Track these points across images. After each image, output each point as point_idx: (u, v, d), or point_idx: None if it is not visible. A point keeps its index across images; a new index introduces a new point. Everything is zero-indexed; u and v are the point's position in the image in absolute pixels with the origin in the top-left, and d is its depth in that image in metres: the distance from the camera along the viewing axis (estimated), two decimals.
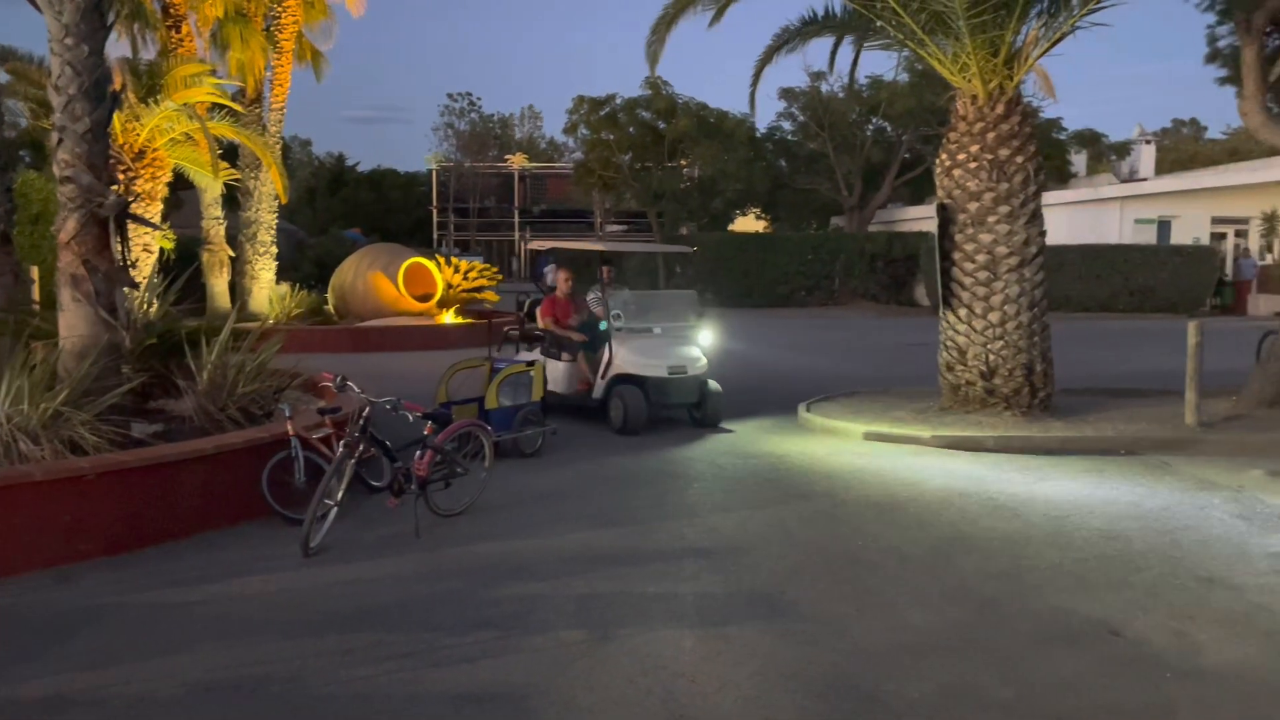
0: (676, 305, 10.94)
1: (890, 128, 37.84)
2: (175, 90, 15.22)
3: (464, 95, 62.50)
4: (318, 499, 5.94)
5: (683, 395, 9.96)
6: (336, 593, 5.34)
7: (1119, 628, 4.82)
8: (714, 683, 4.21)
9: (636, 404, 9.66)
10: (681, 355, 9.98)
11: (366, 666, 4.37)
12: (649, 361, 9.77)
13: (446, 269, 21.03)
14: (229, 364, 7.58)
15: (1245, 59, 11.29)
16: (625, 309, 10.29)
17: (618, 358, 9.82)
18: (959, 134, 10.64)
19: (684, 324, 10.58)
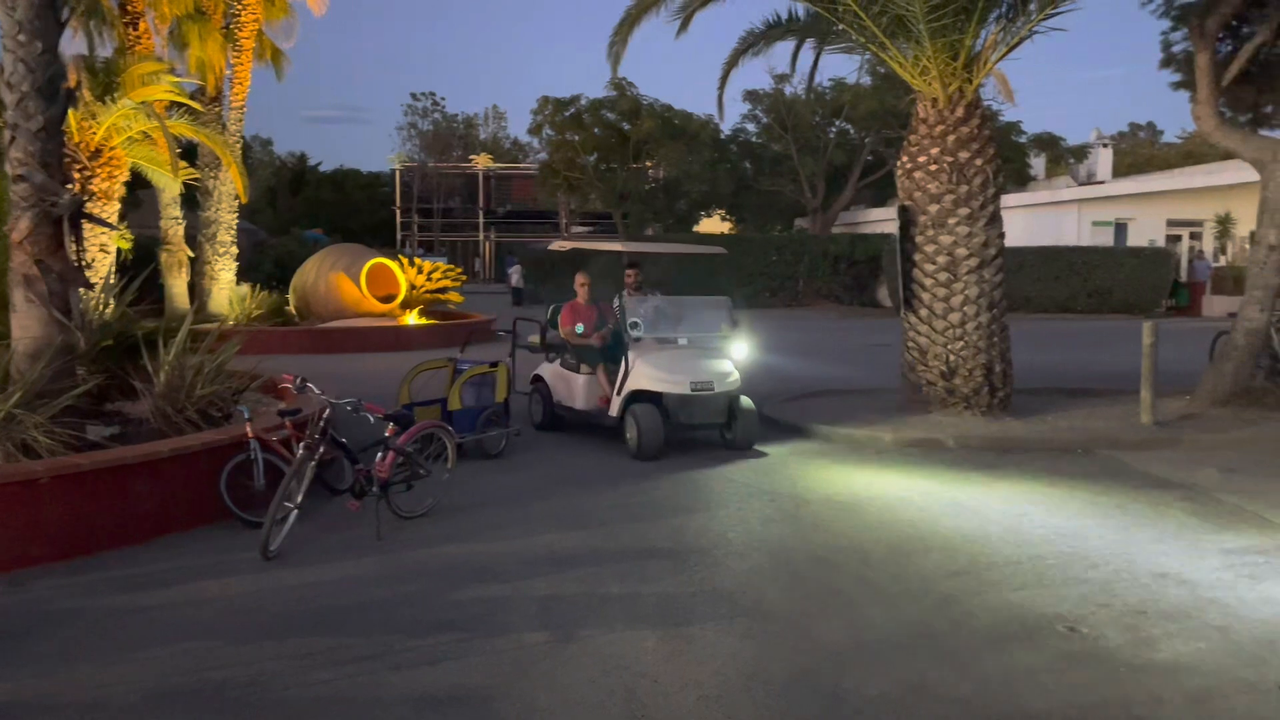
0: (706, 313, 9.73)
1: (853, 130, 38.16)
2: (132, 88, 14.99)
3: (427, 95, 62.36)
4: (277, 502, 5.88)
5: (708, 415, 8.86)
6: (296, 596, 5.29)
7: (1075, 623, 4.89)
8: (676, 682, 4.22)
9: (652, 425, 8.60)
10: (707, 369, 8.86)
11: (326, 670, 4.34)
12: (669, 376, 8.70)
13: (410, 270, 20.91)
14: (187, 365, 7.49)
15: (1198, 64, 11.51)
16: (647, 317, 9.24)
17: (634, 372, 8.82)
18: (919, 137, 10.75)
19: (714, 334, 9.49)
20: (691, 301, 9.77)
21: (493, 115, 73.67)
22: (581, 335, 9.70)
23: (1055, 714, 3.94)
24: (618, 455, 8.92)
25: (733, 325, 9.56)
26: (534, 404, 10.25)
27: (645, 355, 8.91)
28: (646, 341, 9.09)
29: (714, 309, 9.78)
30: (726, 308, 9.71)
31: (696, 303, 9.80)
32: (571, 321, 9.78)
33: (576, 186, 35.47)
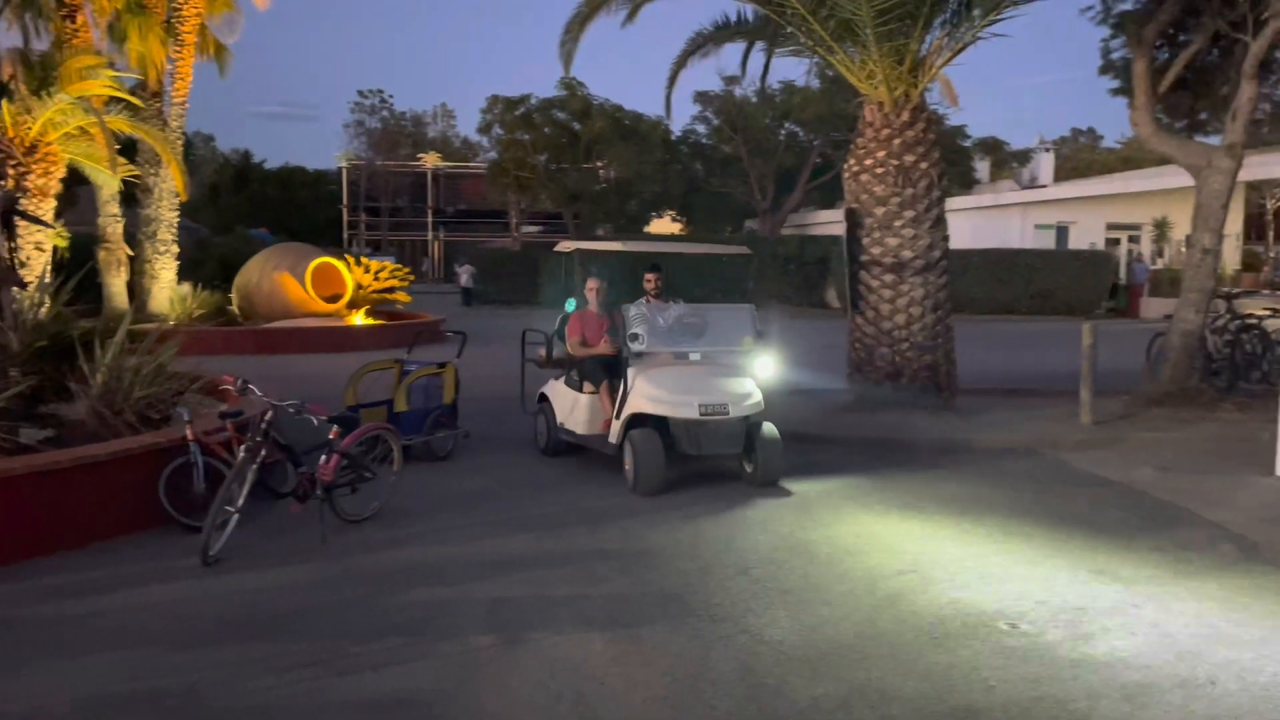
0: (726, 323, 8.39)
1: (802, 133, 38.49)
2: (70, 82, 14.64)
3: (375, 92, 61.59)
4: (218, 505, 5.77)
5: (720, 443, 7.55)
6: (238, 601, 5.19)
7: (1016, 620, 4.97)
8: (623, 683, 4.22)
9: (651, 454, 7.36)
10: (721, 389, 7.55)
11: (268, 677, 4.26)
12: (674, 397, 7.42)
13: (356, 269, 20.68)
14: (125, 367, 7.31)
15: (1136, 71, 11.78)
16: (657, 327, 8.06)
17: (634, 392, 7.60)
18: (866, 140, 10.87)
19: (734, 348, 8.16)
20: (709, 310, 8.54)
21: (442, 113, 73.19)
22: (584, 346, 8.62)
23: (996, 710, 4.00)
24: (566, 458, 8.89)
25: (757, 337, 8.17)
26: (539, 426, 9.15)
27: (647, 372, 7.63)
28: (651, 356, 7.85)
29: (735, 318, 8.44)
30: (750, 316, 8.30)
31: (714, 311, 8.56)
32: (578, 332, 8.67)
33: (527, 186, 35.33)
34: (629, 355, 7.74)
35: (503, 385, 13.43)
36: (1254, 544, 6.36)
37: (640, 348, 7.72)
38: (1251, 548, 6.29)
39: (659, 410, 7.47)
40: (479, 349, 12.85)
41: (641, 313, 8.02)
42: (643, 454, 7.40)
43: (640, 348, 7.72)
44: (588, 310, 8.86)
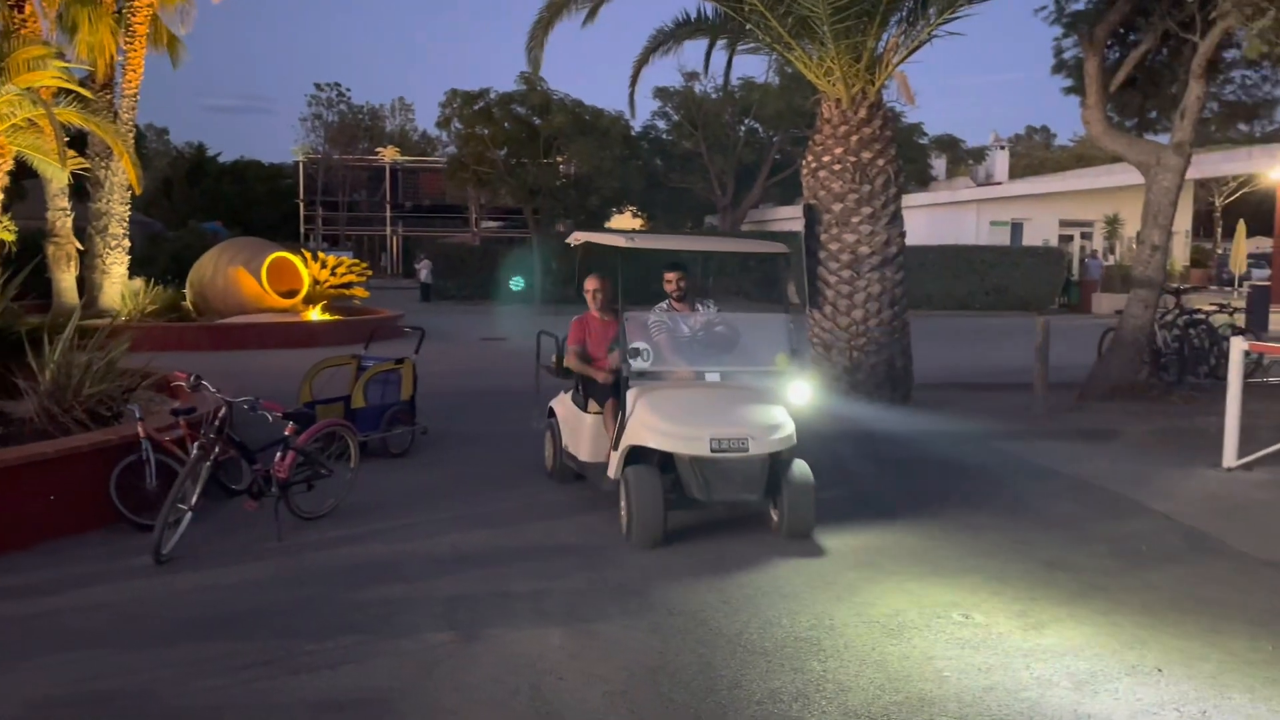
0: (756, 335, 6.98)
1: (762, 129, 38.65)
2: (17, 73, 14.30)
3: (332, 85, 60.85)
4: (170, 503, 5.69)
5: (735, 487, 6.00)
6: (191, 601, 5.13)
7: (970, 610, 5.05)
8: (581, 678, 4.22)
9: (647, 499, 5.95)
10: (741, 419, 6.08)
11: (221, 676, 4.21)
12: (681, 429, 5.98)
13: (313, 264, 20.47)
14: (74, 363, 7.18)
15: (1088, 70, 11.97)
16: (674, 337, 6.81)
17: (633, 420, 6.20)
18: (824, 136, 10.95)
19: (763, 367, 6.66)
20: (735, 320, 7.07)
21: (400, 107, 72.51)
22: (583, 360, 7.24)
23: (950, 699, 4.06)
24: (525, 453, 8.87)
25: (792, 354, 6.66)
26: (546, 445, 8.01)
27: (650, 396, 6.24)
28: (657, 375, 6.55)
29: (765, 329, 7.05)
30: (784, 328, 6.83)
31: (740, 321, 7.11)
32: (579, 339, 7.30)
33: (486, 181, 35.13)
34: (628, 374, 6.34)
35: (461, 381, 13.40)
36: (1201, 535, 6.51)
37: (643, 365, 6.35)
38: (1199, 538, 6.43)
39: (661, 444, 6.00)
40: (437, 345, 12.81)
41: (660, 320, 6.86)
42: (638, 498, 5.97)
43: (643, 365, 6.35)
44: (590, 315, 7.40)
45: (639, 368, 6.38)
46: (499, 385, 13.21)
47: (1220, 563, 5.95)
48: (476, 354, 17.56)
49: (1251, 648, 4.61)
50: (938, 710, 3.96)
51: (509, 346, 19.11)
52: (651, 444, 6.07)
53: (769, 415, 6.20)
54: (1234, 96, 13.54)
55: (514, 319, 25.96)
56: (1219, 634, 4.77)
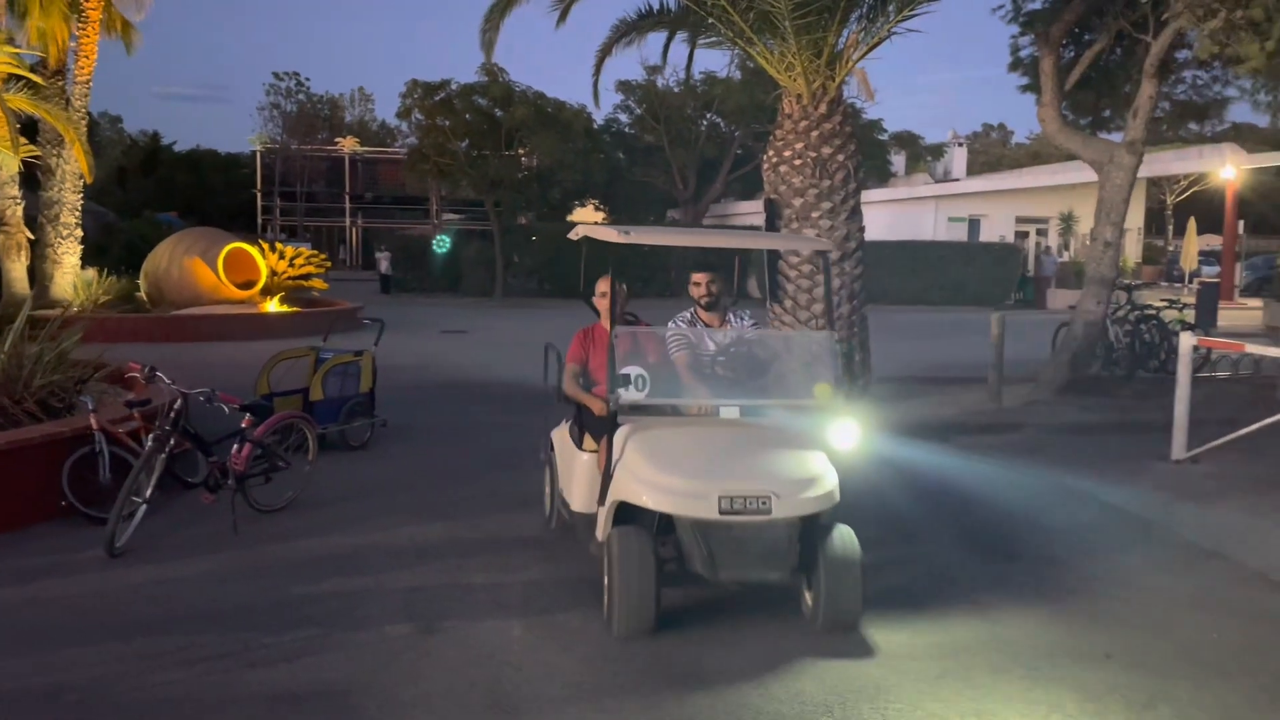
0: (791, 358, 5.65)
1: (724, 123, 38.73)
2: None
3: (291, 75, 59.94)
4: (124, 496, 5.61)
5: (753, 561, 4.52)
6: (145, 594, 5.07)
7: (922, 601, 5.12)
8: (540, 669, 4.24)
9: (634, 574, 4.48)
10: (761, 470, 4.65)
11: (176, 670, 4.17)
12: (680, 482, 4.55)
13: (271, 255, 20.22)
14: (25, 354, 7.07)
15: (1043, 69, 12.14)
16: (696, 359, 5.44)
17: (621, 468, 4.82)
18: (785, 131, 11.00)
19: (798, 399, 5.21)
20: (769, 339, 5.94)
21: (359, 97, 71.79)
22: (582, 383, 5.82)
23: None
24: (485, 446, 8.85)
25: (838, 381, 5.13)
26: (545, 484, 6.45)
27: (642, 438, 4.86)
28: (655, 409, 5.21)
29: (805, 350, 5.79)
30: (829, 349, 5.31)
31: (774, 340, 6.04)
32: (578, 358, 5.92)
33: (447, 172, 34.84)
34: (615, 407, 4.92)
35: (422, 374, 13.32)
36: (1148, 524, 6.65)
37: (636, 396, 4.92)
38: (1146, 527, 6.58)
39: (654, 501, 4.54)
40: (398, 337, 12.72)
41: (681, 335, 5.53)
42: (622, 572, 4.47)
43: (636, 396, 4.92)
44: (599, 328, 5.92)
45: (630, 399, 4.90)
46: (460, 378, 13.18)
47: (1167, 551, 6.08)
48: (436, 347, 17.46)
49: (1197, 638, 4.73)
50: None
51: (470, 339, 19.04)
52: (643, 501, 4.57)
53: (802, 465, 4.70)
54: (1185, 96, 13.82)
55: (475, 312, 25.86)
56: (1155, 617, 4.89)
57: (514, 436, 9.29)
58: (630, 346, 5.31)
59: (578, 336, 5.96)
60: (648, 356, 5.34)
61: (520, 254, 33.95)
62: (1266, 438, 8.17)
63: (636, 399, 4.94)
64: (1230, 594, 5.34)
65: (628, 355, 5.20)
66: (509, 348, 17.39)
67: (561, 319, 23.63)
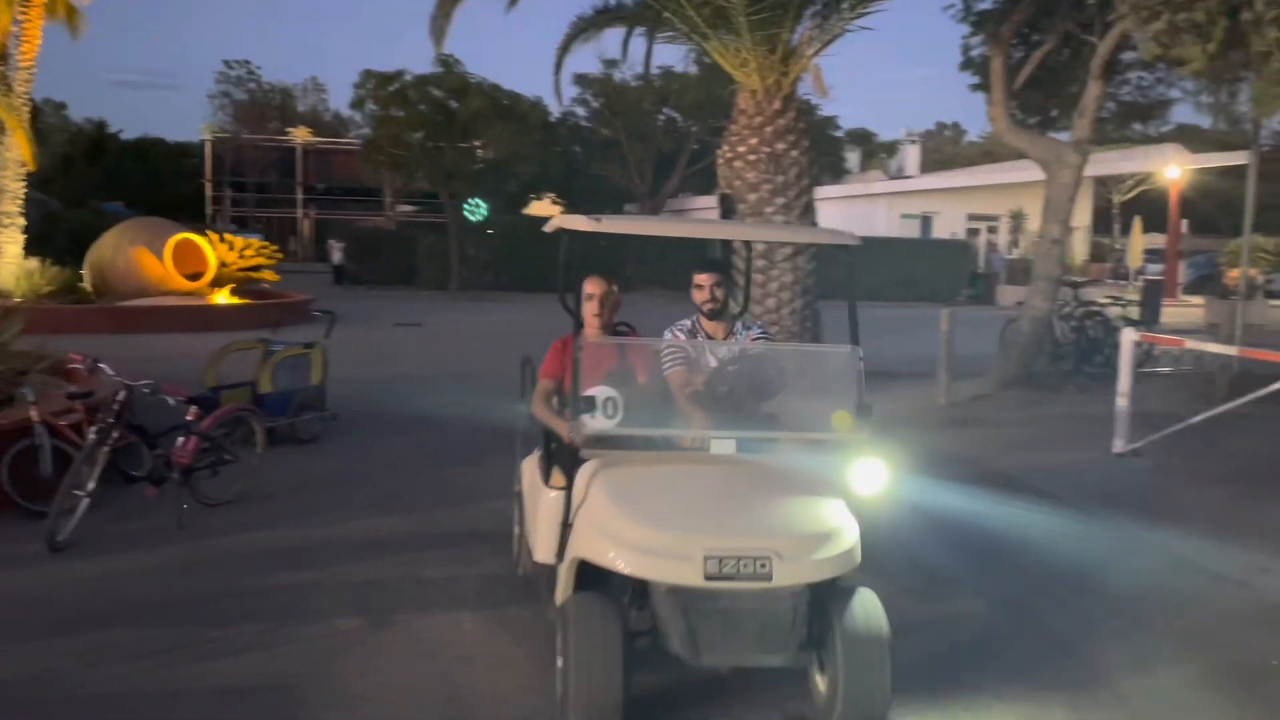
0: (805, 379, 4.63)
1: (680, 118, 38.83)
2: None
3: (242, 63, 59.02)
4: (65, 489, 5.51)
5: (747, 640, 3.55)
6: (89, 589, 4.98)
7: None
8: (491, 663, 4.23)
9: (595, 652, 3.51)
10: (758, 523, 3.72)
11: (120, 665, 4.11)
12: (656, 537, 3.58)
13: (220, 246, 19.91)
14: None
15: (993, 68, 12.32)
16: (689, 379, 4.49)
17: (583, 518, 3.88)
18: (740, 127, 11.07)
19: (811, 431, 4.35)
20: (780, 356, 4.75)
21: (312, 87, 70.77)
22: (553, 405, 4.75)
23: None
24: (437, 440, 8.80)
25: (861, 409, 4.16)
26: (514, 522, 5.42)
27: (610, 478, 3.91)
28: (627, 441, 4.18)
29: (821, 369, 4.78)
30: (854, 369, 4.31)
31: (786, 357, 4.87)
32: (553, 372, 4.84)
33: (402, 164, 34.53)
34: (578, 440, 3.94)
35: (374, 366, 13.21)
36: (1089, 514, 6.80)
37: (606, 425, 3.96)
38: (1087, 518, 6.73)
39: (623, 563, 3.55)
40: (350, 329, 12.62)
41: (677, 350, 4.55)
42: (578, 649, 3.51)
43: (606, 425, 3.96)
44: (585, 333, 4.58)
45: (598, 430, 3.92)
46: (414, 371, 13.09)
47: (1102, 539, 6.23)
48: (390, 339, 17.32)
49: (1134, 621, 4.85)
50: None
51: (424, 332, 18.91)
52: (609, 561, 3.55)
53: (813, 515, 3.74)
54: (1130, 97, 14.10)
55: (430, 304, 25.67)
56: (1075, 603, 5.01)
57: (469, 430, 9.25)
58: (610, 361, 4.38)
59: (554, 348, 4.89)
60: (635, 374, 4.45)
61: (476, 247, 33.74)
62: (1206, 431, 8.39)
63: (604, 428, 3.93)
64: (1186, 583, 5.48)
65: (610, 373, 4.22)
66: (464, 340, 17.31)
67: (518, 312, 23.60)
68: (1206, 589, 5.42)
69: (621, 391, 4.04)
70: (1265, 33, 9.09)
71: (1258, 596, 5.34)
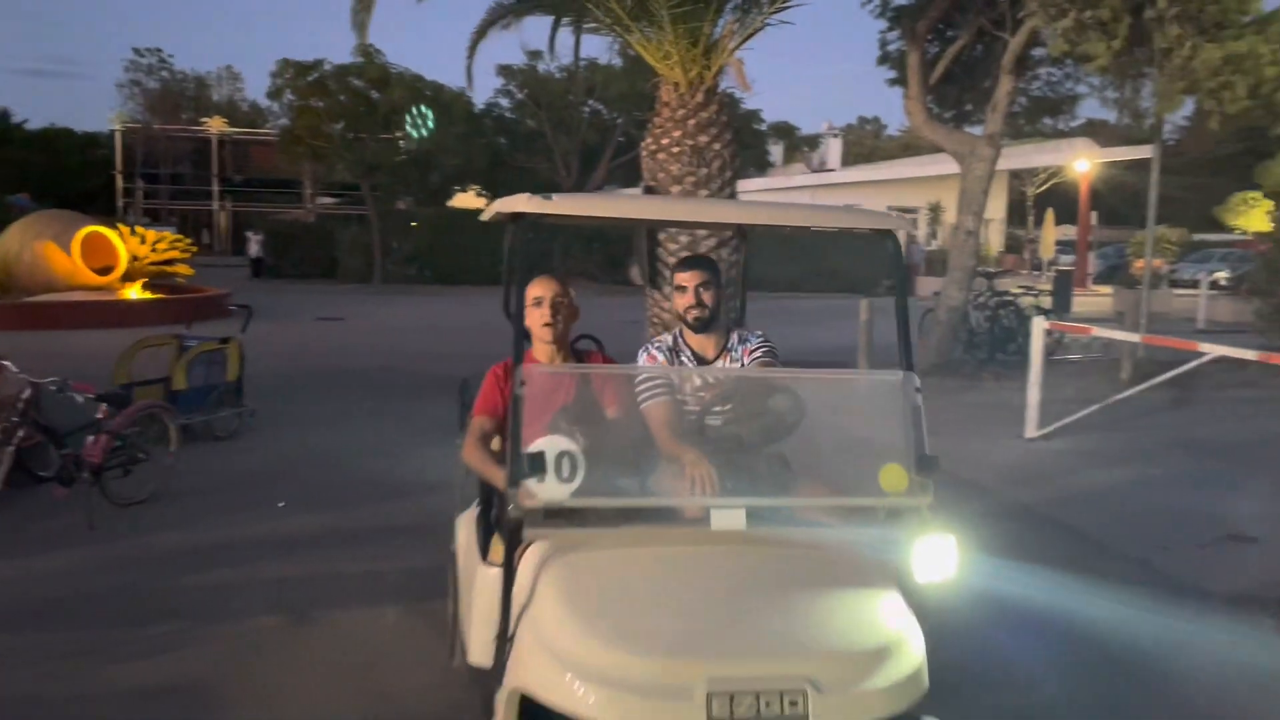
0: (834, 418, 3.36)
1: (606, 110, 38.81)
2: None
3: (153, 51, 57.26)
4: None
5: None
6: None
7: None
8: (414, 656, 4.22)
9: None
10: (783, 640, 2.50)
11: (30, 668, 4.00)
12: (634, 664, 2.35)
13: (132, 240, 19.35)
14: None
15: (910, 63, 12.59)
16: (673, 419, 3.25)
17: (527, 631, 2.59)
18: (663, 120, 11.10)
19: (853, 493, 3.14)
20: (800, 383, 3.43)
21: (227, 76, 69.04)
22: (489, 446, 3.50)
23: None
24: (359, 437, 8.68)
25: (922, 466, 3.10)
26: (449, 594, 4.20)
27: (566, 571, 2.70)
28: (593, 513, 2.86)
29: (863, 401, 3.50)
30: (906, 403, 3.19)
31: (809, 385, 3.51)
32: (489, 408, 3.60)
33: (322, 155, 33.89)
34: (517, 513, 2.71)
35: (294, 362, 12.96)
36: (998, 497, 7.02)
37: (557, 495, 2.73)
38: (998, 502, 6.94)
39: (586, 707, 2.34)
40: (269, 324, 12.34)
41: (657, 380, 3.32)
42: None
43: (557, 495, 2.73)
44: (529, 354, 3.59)
45: (550, 500, 2.72)
46: (335, 366, 12.89)
47: (1012, 522, 6.43)
48: (311, 334, 17.01)
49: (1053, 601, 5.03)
50: None
51: (346, 327, 18.61)
52: (565, 704, 2.40)
53: (861, 622, 2.65)
54: (1040, 92, 14.53)
55: (352, 298, 25.27)
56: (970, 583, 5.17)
57: (391, 425, 9.17)
58: (565, 397, 3.08)
59: (492, 376, 3.62)
60: (600, 413, 3.22)
61: (399, 239, 33.32)
62: (1112, 414, 8.70)
63: (557, 497, 2.69)
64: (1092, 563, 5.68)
65: (566, 415, 2.93)
66: (388, 335, 17.09)
67: (443, 306, 23.36)
68: (1109, 568, 5.63)
69: (582, 441, 2.75)
70: (1167, 30, 9.47)
71: (1158, 573, 5.56)
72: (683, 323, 3.62)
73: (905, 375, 3.17)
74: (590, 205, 3.86)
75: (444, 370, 11.22)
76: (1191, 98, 10.05)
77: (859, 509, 3.09)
